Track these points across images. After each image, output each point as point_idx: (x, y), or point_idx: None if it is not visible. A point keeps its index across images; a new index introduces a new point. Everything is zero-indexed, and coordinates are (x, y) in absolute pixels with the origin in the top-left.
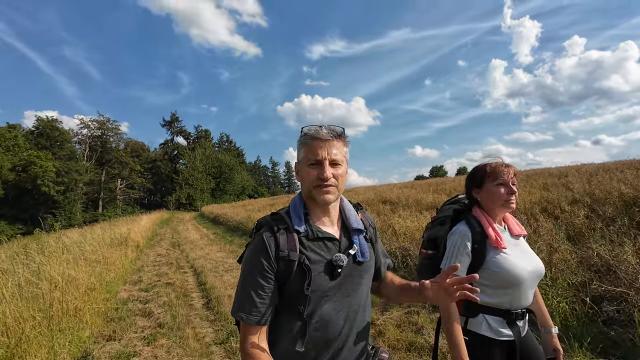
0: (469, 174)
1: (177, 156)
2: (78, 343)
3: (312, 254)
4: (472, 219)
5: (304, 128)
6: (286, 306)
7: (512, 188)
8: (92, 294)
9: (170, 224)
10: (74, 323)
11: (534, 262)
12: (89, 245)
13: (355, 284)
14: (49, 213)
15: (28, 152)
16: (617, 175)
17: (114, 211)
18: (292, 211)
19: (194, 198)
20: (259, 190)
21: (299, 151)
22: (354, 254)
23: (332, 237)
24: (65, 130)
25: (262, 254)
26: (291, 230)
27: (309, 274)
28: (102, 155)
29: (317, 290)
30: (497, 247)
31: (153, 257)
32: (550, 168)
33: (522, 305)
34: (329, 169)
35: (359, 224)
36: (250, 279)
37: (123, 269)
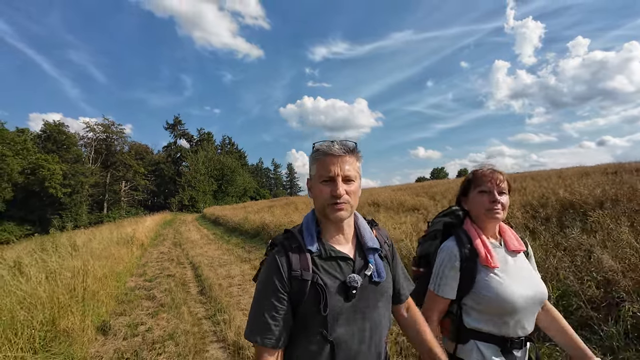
0: (461, 183)
1: (180, 158)
2: (97, 316)
3: (325, 274)
4: (462, 234)
5: (316, 144)
6: (302, 329)
7: (495, 196)
8: (106, 281)
9: (173, 225)
10: (93, 302)
11: (534, 285)
12: (100, 244)
13: (372, 306)
14: (56, 214)
15: (36, 155)
16: (578, 181)
17: (119, 213)
18: (305, 229)
19: (196, 200)
20: (260, 192)
21: (310, 167)
22: (369, 274)
23: (346, 256)
24: (71, 134)
25: (274, 274)
26: (303, 249)
27: (323, 294)
28: (107, 158)
29: (330, 312)
30: (487, 265)
31: (156, 254)
32: (532, 172)
33: (518, 334)
34: (342, 186)
35: (374, 242)
36: (263, 301)
37: (130, 263)
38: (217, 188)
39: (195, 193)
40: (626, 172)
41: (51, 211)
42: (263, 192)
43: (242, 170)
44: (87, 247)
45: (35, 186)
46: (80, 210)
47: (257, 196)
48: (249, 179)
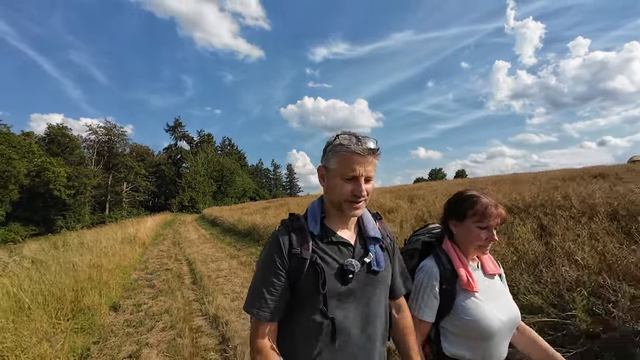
0: (451, 201)
1: (180, 160)
2: (109, 299)
3: (324, 255)
4: (442, 254)
5: (340, 136)
6: (301, 306)
7: (494, 235)
8: (115, 273)
9: (173, 226)
10: (105, 288)
11: (509, 310)
12: (107, 243)
13: (369, 292)
14: (60, 215)
15: (41, 158)
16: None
17: (120, 213)
18: (310, 214)
19: (196, 201)
20: (260, 193)
21: (329, 157)
22: (369, 262)
23: (347, 242)
24: (74, 137)
25: (275, 251)
26: (306, 230)
27: (322, 272)
28: (109, 159)
29: (327, 293)
30: (468, 289)
31: (156, 252)
32: (518, 174)
33: (496, 358)
34: (364, 186)
35: (376, 232)
36: (263, 276)
37: (133, 259)
38: (217, 189)
39: (195, 194)
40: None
41: (55, 212)
42: (262, 193)
43: (242, 171)
44: (97, 246)
45: (41, 188)
46: (83, 211)
47: (257, 197)
48: (248, 180)
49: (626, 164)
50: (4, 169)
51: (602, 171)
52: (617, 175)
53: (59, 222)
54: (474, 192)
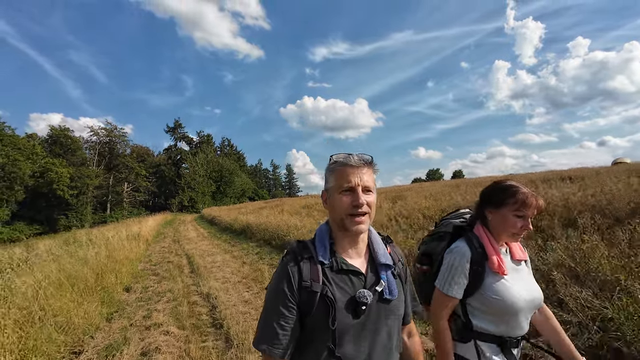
0: (490, 189)
1: (180, 161)
2: (122, 283)
3: (335, 288)
4: (474, 238)
5: (333, 156)
6: (309, 341)
7: (529, 224)
8: (125, 263)
9: (173, 225)
10: (118, 275)
11: (533, 291)
12: (114, 239)
13: (382, 323)
14: (63, 214)
15: (45, 159)
16: None
17: (121, 213)
18: (318, 240)
19: (195, 201)
20: (259, 193)
21: (327, 179)
22: (380, 290)
23: (358, 271)
24: (76, 138)
25: (285, 283)
26: (315, 260)
27: (332, 307)
28: (110, 160)
29: (338, 328)
30: (498, 272)
31: (158, 248)
32: (499, 175)
33: (517, 334)
34: (362, 196)
35: (387, 258)
36: (273, 309)
37: (139, 254)
38: (216, 189)
39: (194, 194)
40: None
41: (58, 211)
42: (261, 193)
43: (241, 171)
44: (107, 242)
45: (44, 188)
46: (85, 210)
47: (256, 197)
48: (247, 180)
49: (610, 166)
50: (10, 170)
51: (574, 174)
52: (583, 178)
53: (62, 222)
54: (513, 182)
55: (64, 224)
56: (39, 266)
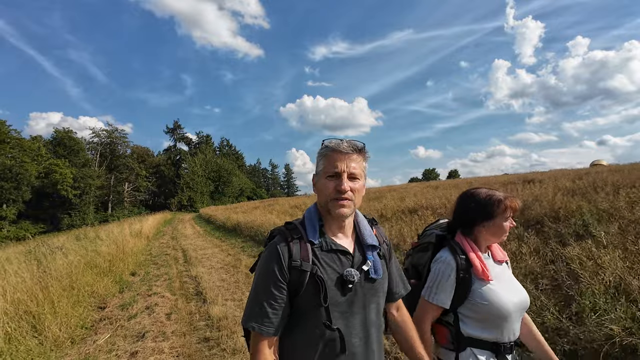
0: (477, 200)
1: (179, 161)
2: (128, 269)
3: (325, 266)
4: (456, 246)
5: (325, 141)
6: (301, 320)
7: (513, 223)
8: (130, 255)
9: (172, 224)
10: (125, 264)
11: (520, 293)
12: (119, 235)
13: (368, 301)
14: (66, 214)
15: (49, 161)
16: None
17: (122, 212)
18: (307, 222)
19: (194, 200)
20: (257, 192)
21: (318, 163)
22: (367, 270)
23: (346, 250)
24: (79, 140)
25: (275, 263)
26: (305, 240)
27: (322, 285)
28: (112, 161)
29: (329, 305)
30: (483, 278)
31: (158, 244)
32: (486, 177)
33: (510, 339)
34: (347, 182)
35: (373, 239)
36: (262, 288)
37: (141, 247)
38: (214, 189)
39: (193, 194)
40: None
41: (61, 211)
42: (260, 192)
43: (239, 171)
44: (116, 238)
45: (49, 188)
46: (88, 210)
47: (254, 196)
48: (245, 180)
49: (588, 167)
50: (18, 171)
51: (535, 177)
52: (541, 181)
53: (66, 220)
54: (487, 191)
55: (68, 223)
56: (65, 254)
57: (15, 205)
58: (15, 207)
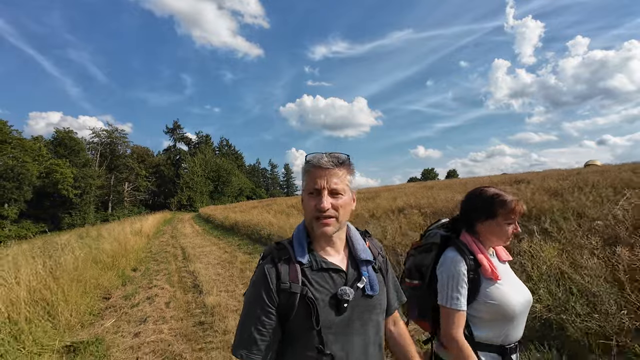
0: (477, 200)
1: (179, 161)
2: (130, 265)
3: (316, 286)
4: (463, 246)
5: (307, 156)
6: (293, 344)
7: (518, 227)
8: (132, 252)
9: (172, 223)
10: (127, 260)
11: (524, 292)
12: (120, 234)
13: (365, 319)
14: (66, 213)
15: (50, 161)
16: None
17: (122, 212)
18: (295, 240)
19: (193, 200)
20: (257, 192)
21: (302, 180)
22: (362, 287)
23: (338, 268)
24: (80, 140)
25: (262, 286)
26: (293, 260)
27: (314, 307)
28: (112, 161)
29: (322, 327)
30: (492, 278)
31: (158, 242)
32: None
33: (515, 338)
34: (327, 199)
35: (367, 254)
36: (250, 314)
37: (142, 246)
38: (214, 189)
39: (193, 193)
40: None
41: (62, 210)
42: (259, 192)
43: (238, 171)
44: (118, 236)
45: (50, 188)
46: (89, 209)
47: (253, 196)
48: (244, 180)
49: (583, 167)
50: (19, 171)
51: (526, 177)
52: (530, 181)
53: (66, 220)
54: (496, 190)
55: (68, 222)
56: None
57: (17, 204)
58: (17, 207)
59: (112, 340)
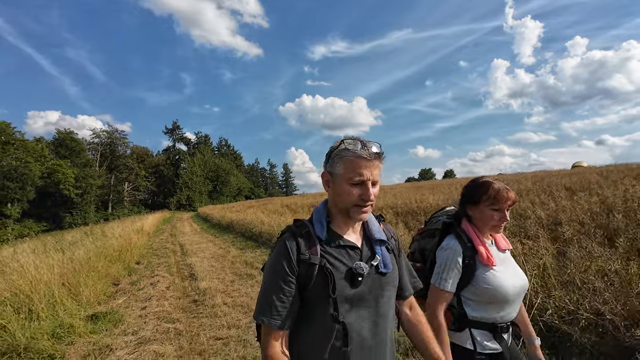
0: (467, 187)
1: (178, 161)
2: (134, 259)
3: (333, 260)
4: (462, 233)
5: (345, 142)
6: (310, 313)
7: (506, 216)
8: (135, 247)
9: (171, 222)
10: (131, 254)
11: (520, 278)
12: (124, 232)
13: (378, 295)
14: (67, 213)
15: (52, 161)
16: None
17: (122, 211)
18: (315, 219)
19: (192, 199)
20: (255, 192)
21: (334, 163)
22: (376, 264)
23: (354, 245)
24: (80, 141)
25: (283, 257)
26: (313, 236)
27: (331, 277)
28: (112, 161)
29: (338, 297)
30: (488, 264)
31: (158, 240)
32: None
33: (508, 319)
34: (372, 190)
35: (381, 234)
36: (272, 283)
37: (143, 242)
38: (212, 188)
39: (192, 193)
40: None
41: (63, 210)
42: (258, 192)
43: (237, 171)
44: (121, 233)
45: (51, 188)
46: (89, 209)
47: (252, 195)
48: (243, 180)
49: (570, 169)
50: (22, 172)
51: (512, 179)
52: (506, 181)
53: (67, 219)
54: (487, 178)
55: (69, 221)
56: (84, 245)
57: (20, 204)
58: (20, 206)
59: (124, 312)
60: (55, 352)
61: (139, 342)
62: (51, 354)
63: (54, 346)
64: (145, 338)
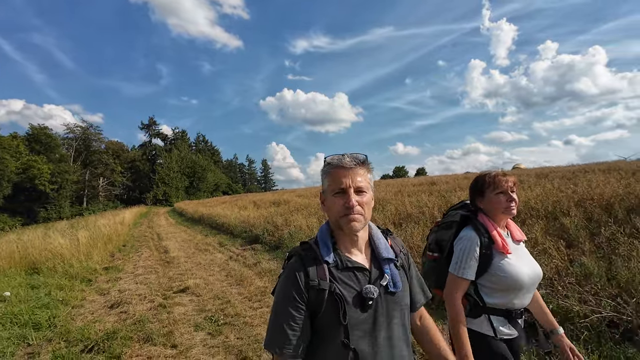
0: (472, 183)
1: (155, 156)
2: (118, 245)
3: (342, 284)
4: (479, 225)
5: (327, 158)
6: (321, 340)
7: (512, 196)
8: (119, 235)
9: (148, 216)
10: (116, 242)
11: (534, 267)
12: (108, 223)
13: (390, 316)
14: (42, 207)
15: (27, 157)
16: None
17: (97, 206)
18: (320, 241)
19: (169, 195)
20: (233, 187)
21: (323, 181)
22: (385, 284)
23: (362, 267)
24: (55, 136)
25: (292, 284)
26: (320, 260)
27: (341, 303)
28: (87, 157)
29: (348, 323)
30: (503, 252)
31: (138, 230)
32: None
33: (522, 305)
34: (354, 197)
35: (389, 252)
36: (281, 311)
37: (125, 231)
38: (189, 184)
39: (168, 189)
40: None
41: (38, 204)
42: (236, 187)
43: (214, 167)
44: (105, 224)
45: (27, 183)
46: (64, 204)
47: (230, 191)
48: (220, 175)
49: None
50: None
51: (434, 180)
52: (434, 182)
53: (42, 214)
54: (485, 171)
55: (44, 216)
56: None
57: None
58: None
59: (123, 266)
60: (91, 278)
61: (135, 276)
62: (90, 279)
63: (89, 275)
64: (138, 274)
